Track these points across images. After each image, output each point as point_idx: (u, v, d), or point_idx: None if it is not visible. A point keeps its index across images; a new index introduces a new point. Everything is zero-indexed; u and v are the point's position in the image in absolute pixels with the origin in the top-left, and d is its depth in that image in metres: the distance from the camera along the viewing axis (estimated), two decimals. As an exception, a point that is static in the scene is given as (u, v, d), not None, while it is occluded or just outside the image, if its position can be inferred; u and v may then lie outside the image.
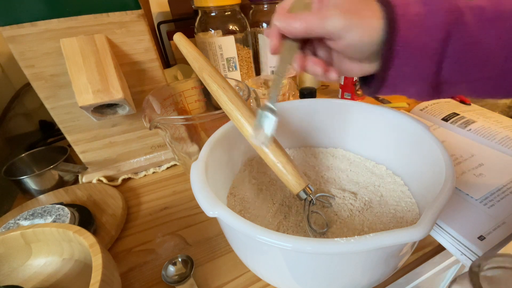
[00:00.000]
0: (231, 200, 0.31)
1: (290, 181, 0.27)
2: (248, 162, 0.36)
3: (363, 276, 0.22)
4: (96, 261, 0.23)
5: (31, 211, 0.33)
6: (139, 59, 0.39)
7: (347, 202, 0.30)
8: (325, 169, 0.36)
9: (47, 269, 0.28)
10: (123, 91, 0.34)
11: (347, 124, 0.37)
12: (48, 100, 0.37)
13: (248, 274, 0.29)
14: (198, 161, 0.26)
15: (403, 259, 0.24)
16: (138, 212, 0.39)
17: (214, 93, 0.29)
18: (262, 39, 0.60)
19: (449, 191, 0.21)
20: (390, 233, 0.17)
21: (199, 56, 0.31)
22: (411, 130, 0.30)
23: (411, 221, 0.27)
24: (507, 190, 0.34)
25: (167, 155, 0.47)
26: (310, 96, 0.57)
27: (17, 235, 0.26)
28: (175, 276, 0.29)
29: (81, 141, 0.41)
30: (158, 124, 0.33)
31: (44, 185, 0.42)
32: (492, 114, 0.49)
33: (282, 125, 0.38)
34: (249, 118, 0.28)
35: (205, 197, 0.22)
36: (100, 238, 0.33)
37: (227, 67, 0.56)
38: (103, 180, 0.43)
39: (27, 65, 0.34)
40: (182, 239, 0.34)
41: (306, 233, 0.27)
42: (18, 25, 0.32)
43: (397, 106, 0.62)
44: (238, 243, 0.24)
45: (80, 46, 0.34)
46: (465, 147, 0.42)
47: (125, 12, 0.35)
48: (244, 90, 0.39)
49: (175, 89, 0.43)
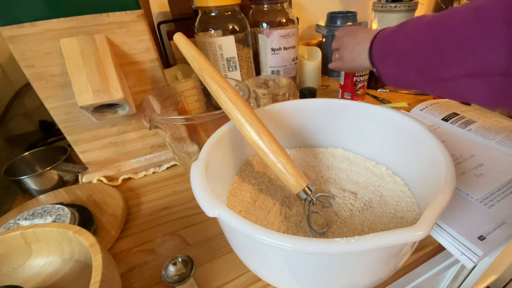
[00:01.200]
0: (231, 200, 0.31)
1: (290, 181, 0.27)
2: (248, 162, 0.36)
3: (363, 276, 0.22)
4: (96, 261, 0.23)
5: (31, 211, 0.33)
6: (139, 59, 0.39)
7: (347, 202, 0.30)
8: (325, 169, 0.36)
9: (47, 269, 0.28)
10: (123, 91, 0.34)
11: (347, 124, 0.37)
12: (48, 100, 0.37)
13: (248, 274, 0.29)
14: (198, 161, 0.26)
15: (403, 259, 0.24)
16: (138, 212, 0.39)
17: (214, 93, 0.29)
18: (262, 39, 0.60)
19: (450, 191, 0.21)
20: (390, 233, 0.17)
21: (199, 56, 0.31)
22: (411, 130, 0.30)
23: (411, 221, 0.27)
24: (507, 190, 0.34)
25: (167, 155, 0.47)
26: (310, 96, 0.57)
27: (17, 235, 0.26)
28: (175, 276, 0.29)
29: (81, 141, 0.41)
30: (158, 124, 0.33)
31: (44, 185, 0.42)
32: (492, 114, 0.49)
33: (282, 125, 0.38)
34: (249, 118, 0.28)
35: (205, 197, 0.22)
36: (100, 238, 0.33)
37: (227, 67, 0.56)
38: (103, 180, 0.43)
39: (27, 65, 0.34)
40: (182, 239, 0.34)
41: (306, 233, 0.27)
42: (18, 25, 0.32)
43: (397, 106, 0.62)
44: (238, 243, 0.24)
45: (80, 46, 0.34)
46: (465, 147, 0.42)
47: (125, 12, 0.35)
48: (244, 90, 0.39)
49: (175, 89, 0.43)
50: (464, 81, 0.26)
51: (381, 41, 0.36)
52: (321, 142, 0.40)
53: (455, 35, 0.25)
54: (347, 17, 0.71)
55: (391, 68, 0.34)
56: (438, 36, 0.27)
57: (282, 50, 0.60)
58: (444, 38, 0.26)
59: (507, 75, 0.23)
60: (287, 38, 0.59)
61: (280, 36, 0.58)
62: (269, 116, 0.36)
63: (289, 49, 0.61)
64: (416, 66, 0.30)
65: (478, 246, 0.28)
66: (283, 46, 0.60)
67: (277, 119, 0.37)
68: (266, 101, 0.51)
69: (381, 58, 0.36)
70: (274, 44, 0.59)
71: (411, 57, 0.31)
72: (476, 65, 0.24)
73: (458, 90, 0.27)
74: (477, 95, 0.26)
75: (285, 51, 0.61)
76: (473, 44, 0.24)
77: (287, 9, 0.60)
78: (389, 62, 0.34)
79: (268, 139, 0.27)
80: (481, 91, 0.25)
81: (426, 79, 0.30)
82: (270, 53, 0.61)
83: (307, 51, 0.74)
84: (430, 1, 0.94)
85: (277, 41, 0.59)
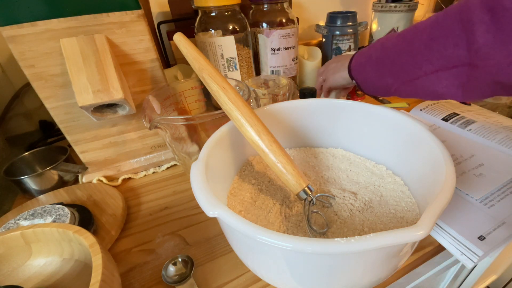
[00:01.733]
0: (231, 200, 0.31)
1: (290, 181, 0.27)
2: (248, 162, 0.36)
3: (363, 276, 0.22)
4: (96, 261, 0.23)
5: (31, 211, 0.33)
6: (139, 59, 0.39)
7: (347, 202, 0.30)
8: (325, 169, 0.36)
9: (47, 269, 0.28)
10: (123, 91, 0.34)
11: (347, 124, 0.37)
12: (48, 100, 0.37)
13: (248, 274, 0.29)
14: (198, 161, 0.26)
15: (403, 259, 0.24)
16: (138, 212, 0.39)
17: (214, 93, 0.29)
18: (262, 39, 0.60)
19: (450, 191, 0.21)
20: (390, 233, 0.17)
21: (199, 56, 0.31)
22: (411, 130, 0.30)
23: (411, 221, 0.27)
24: (507, 190, 0.34)
25: (167, 155, 0.47)
26: (310, 96, 0.57)
27: (17, 235, 0.26)
28: (175, 276, 0.29)
29: (81, 141, 0.41)
30: (158, 124, 0.33)
31: (44, 185, 0.42)
32: (492, 114, 0.49)
33: (282, 125, 0.38)
34: (249, 118, 0.28)
35: (205, 197, 0.22)
36: (100, 238, 0.33)
37: (227, 67, 0.56)
38: (103, 180, 0.43)
39: (27, 65, 0.34)
40: (182, 239, 0.34)
41: (306, 233, 0.27)
42: (18, 25, 0.32)
43: (397, 106, 0.62)
44: (238, 243, 0.24)
45: (80, 46, 0.34)
46: (465, 147, 0.42)
47: (125, 12, 0.35)
48: (244, 90, 0.39)
49: (175, 89, 0.43)
50: (434, 76, 0.30)
51: (359, 55, 0.40)
52: (321, 142, 0.40)
53: (423, 37, 0.30)
54: (347, 17, 0.71)
55: (369, 75, 0.38)
56: (409, 41, 0.31)
57: (282, 50, 0.60)
58: (415, 41, 0.31)
59: (469, 66, 0.27)
60: (287, 38, 0.59)
61: (280, 36, 0.58)
62: (269, 116, 0.36)
63: (289, 49, 0.61)
64: (391, 70, 0.34)
65: (478, 246, 0.28)
66: (283, 46, 0.60)
67: (277, 119, 0.37)
68: (266, 101, 0.51)
69: (359, 69, 0.40)
70: (274, 44, 0.59)
71: (386, 62, 0.34)
72: (442, 60, 0.28)
73: (430, 86, 0.31)
74: (447, 88, 0.30)
75: (285, 51, 0.61)
76: (438, 43, 0.28)
77: (287, 9, 0.60)
78: (367, 69, 0.38)
79: (268, 139, 0.27)
80: (449, 84, 0.29)
81: (401, 81, 0.34)
82: (270, 53, 0.61)
83: (307, 51, 0.74)
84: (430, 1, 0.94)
85: (277, 41, 0.59)
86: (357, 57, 0.41)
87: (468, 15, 0.25)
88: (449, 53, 0.27)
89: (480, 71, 0.26)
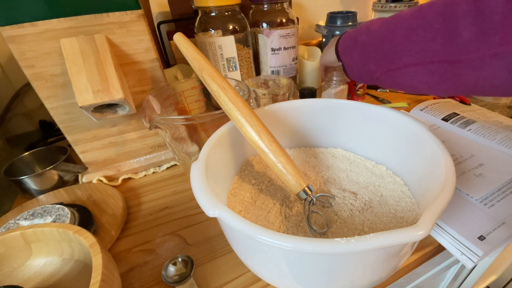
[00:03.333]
0: (231, 200, 0.31)
1: (290, 181, 0.27)
2: (248, 162, 0.36)
3: (363, 276, 0.22)
4: (96, 261, 0.23)
5: (31, 211, 0.33)
6: (139, 59, 0.39)
7: (347, 202, 0.30)
8: (325, 169, 0.36)
9: (47, 269, 0.28)
10: (123, 91, 0.34)
11: (347, 124, 0.37)
12: (48, 100, 0.37)
13: (248, 274, 0.29)
14: (198, 161, 0.26)
15: (403, 259, 0.24)
16: (138, 212, 0.39)
17: (214, 93, 0.29)
18: (262, 39, 0.60)
19: (450, 191, 0.21)
20: (390, 233, 0.17)
21: (199, 56, 0.31)
22: (411, 130, 0.30)
23: (411, 221, 0.27)
24: (507, 190, 0.34)
25: (167, 155, 0.47)
26: (310, 96, 0.57)
27: (17, 235, 0.26)
28: (175, 276, 0.29)
29: (81, 141, 0.41)
30: (158, 124, 0.33)
31: (44, 185, 0.42)
32: (492, 114, 0.49)
33: (282, 125, 0.38)
34: (249, 118, 0.28)
35: (205, 197, 0.22)
36: (100, 238, 0.33)
37: (227, 67, 0.56)
38: (103, 180, 0.43)
39: (27, 65, 0.34)
40: (182, 239, 0.34)
41: (306, 233, 0.27)
42: (18, 25, 0.32)
43: (397, 106, 0.62)
44: (238, 243, 0.24)
45: (80, 46, 0.34)
46: (465, 147, 0.42)
47: (125, 12, 0.35)
48: (244, 90, 0.39)
49: (175, 89, 0.43)
50: (412, 69, 0.29)
51: (346, 37, 0.39)
52: (321, 142, 0.40)
53: (404, 27, 0.29)
54: (347, 17, 0.71)
55: (355, 59, 0.37)
56: (392, 29, 0.31)
57: (282, 50, 0.60)
58: (397, 30, 0.30)
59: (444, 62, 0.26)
60: (287, 38, 0.59)
61: (280, 36, 0.58)
62: (269, 116, 0.36)
63: (289, 49, 0.61)
64: (375, 58, 0.34)
65: (478, 246, 0.28)
66: (283, 46, 0.60)
67: (277, 119, 0.37)
68: (266, 101, 0.51)
69: (345, 51, 0.39)
70: (274, 44, 0.59)
71: (371, 49, 0.34)
72: (420, 53, 0.28)
73: (408, 79, 0.31)
74: (423, 83, 0.29)
75: (285, 51, 0.61)
76: (417, 34, 0.28)
77: (287, 9, 0.60)
78: (353, 53, 0.37)
79: (268, 139, 0.27)
80: (425, 78, 0.29)
81: (382, 70, 0.33)
82: (270, 53, 0.61)
83: (307, 51, 0.74)
84: (430, 1, 0.94)
85: (277, 41, 0.59)
86: (344, 38, 0.40)
87: (453, 8, 0.25)
88: (426, 46, 0.27)
89: (461, 65, 0.25)
